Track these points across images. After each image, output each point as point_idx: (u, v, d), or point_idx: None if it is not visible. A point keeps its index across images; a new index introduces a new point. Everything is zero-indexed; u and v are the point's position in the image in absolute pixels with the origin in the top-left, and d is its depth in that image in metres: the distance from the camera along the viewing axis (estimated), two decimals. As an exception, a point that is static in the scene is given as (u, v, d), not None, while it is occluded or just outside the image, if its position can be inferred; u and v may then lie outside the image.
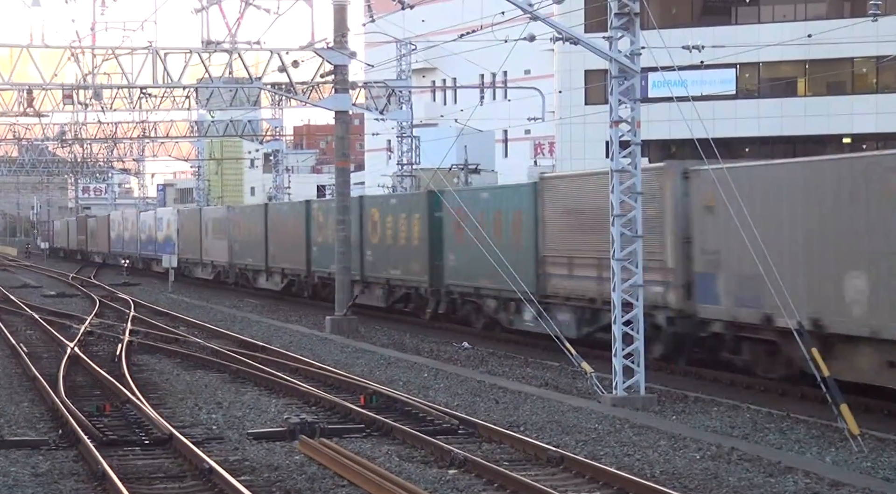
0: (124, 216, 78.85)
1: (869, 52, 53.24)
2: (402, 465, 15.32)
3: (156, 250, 67.32)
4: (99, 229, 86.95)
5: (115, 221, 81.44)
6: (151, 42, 37.74)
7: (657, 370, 23.67)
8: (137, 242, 72.60)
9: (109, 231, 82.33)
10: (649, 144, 46.45)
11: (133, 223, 74.02)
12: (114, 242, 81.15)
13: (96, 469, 14.78)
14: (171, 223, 64.32)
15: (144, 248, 71.17)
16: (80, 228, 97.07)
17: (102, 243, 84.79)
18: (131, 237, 74.52)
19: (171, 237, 63.81)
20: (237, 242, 52.75)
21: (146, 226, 70.36)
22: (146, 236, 70.28)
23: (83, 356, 26.55)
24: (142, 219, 71.54)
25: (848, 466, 15.36)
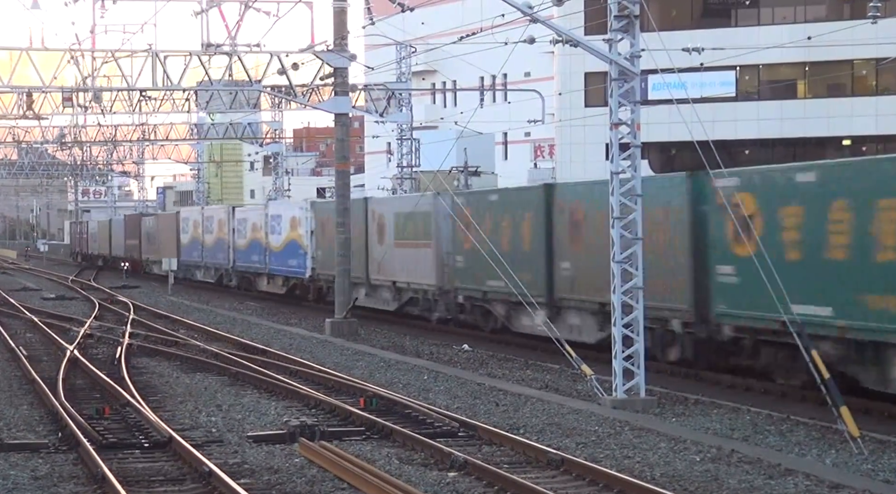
0: (206, 215, 59.61)
1: (869, 55, 53.23)
2: (402, 468, 15.30)
3: (269, 260, 49.64)
4: (161, 232, 67.55)
5: (188, 219, 62.09)
6: (151, 45, 37.76)
7: (657, 372, 23.67)
8: (229, 249, 54.70)
9: (179, 233, 63.14)
10: (649, 147, 46.47)
11: (222, 223, 55.95)
12: (187, 248, 61.78)
13: (96, 472, 14.77)
14: (299, 222, 46.37)
15: (245, 258, 53.37)
16: (129, 229, 76.47)
17: (167, 249, 64.37)
18: (218, 242, 56.56)
19: (300, 243, 45.86)
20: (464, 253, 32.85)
21: (246, 226, 53.16)
22: (247, 241, 52.94)
23: (83, 359, 26.54)
24: (240, 217, 54.14)
25: (848, 468, 15.34)
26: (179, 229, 62.85)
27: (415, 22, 48.21)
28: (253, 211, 54.49)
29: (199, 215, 60.13)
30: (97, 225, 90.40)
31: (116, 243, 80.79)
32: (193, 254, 60.56)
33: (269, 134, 65.63)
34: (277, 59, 36.97)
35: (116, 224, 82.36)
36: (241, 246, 53.62)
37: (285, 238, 47.26)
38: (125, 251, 76.97)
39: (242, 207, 61.51)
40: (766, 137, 56.17)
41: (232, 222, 54.41)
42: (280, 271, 48.36)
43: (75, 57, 38.64)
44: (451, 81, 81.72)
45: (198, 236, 59.36)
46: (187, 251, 61.21)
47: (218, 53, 36.78)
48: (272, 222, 49.50)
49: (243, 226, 53.24)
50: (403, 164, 56.66)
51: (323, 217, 42.96)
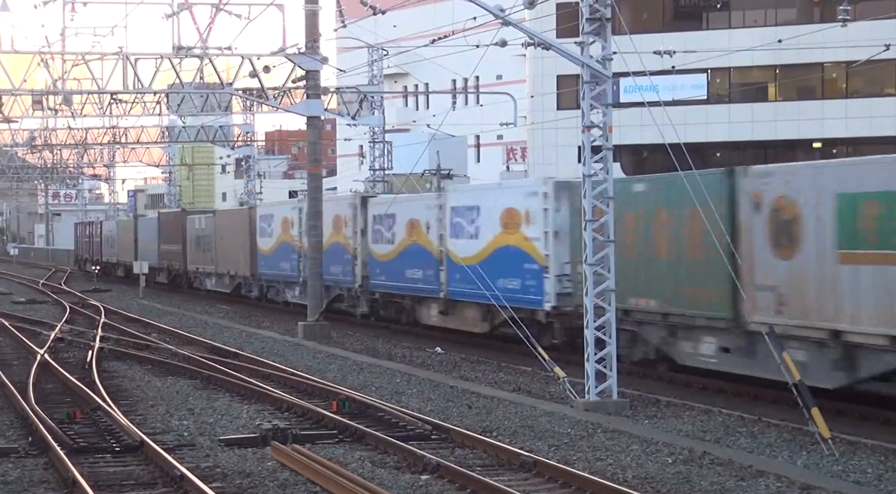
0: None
1: (839, 58, 53.50)
2: (375, 471, 15.29)
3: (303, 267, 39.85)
4: (223, 236, 50.83)
5: (271, 217, 45.09)
6: (122, 47, 37.64)
7: (629, 374, 23.72)
8: (353, 259, 38.01)
9: (255, 237, 46.40)
10: (621, 150, 46.59)
11: (348, 219, 38.61)
12: (266, 259, 45.30)
13: (67, 477, 14.70)
14: (344, 222, 38.33)
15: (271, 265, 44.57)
16: (167, 231, 60.23)
17: (228, 260, 49.94)
18: (342, 252, 38.72)
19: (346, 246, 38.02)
20: None
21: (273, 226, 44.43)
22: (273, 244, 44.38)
23: (53, 362, 26.40)
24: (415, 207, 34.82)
25: (819, 469, 15.41)
26: (255, 230, 46.54)
27: (386, 25, 48.20)
28: (281, 208, 45.24)
29: (295, 213, 42.30)
30: (115, 226, 74.73)
31: (146, 249, 64.05)
32: (273, 265, 44.73)
33: (241, 137, 65.47)
34: (249, 61, 36.90)
35: (147, 225, 66.24)
36: (264, 251, 45.53)
37: (325, 241, 37.41)
38: (160, 259, 61.48)
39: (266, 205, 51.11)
40: (737, 139, 56.37)
41: (362, 216, 37.96)
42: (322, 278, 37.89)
43: (45, 60, 38.49)
44: (423, 83, 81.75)
45: (290, 239, 43.26)
46: (269, 263, 44.78)
47: (189, 56, 36.67)
48: (262, 222, 44.80)
49: (268, 224, 45.08)
50: (376, 167, 56.60)
51: (380, 213, 36.21)
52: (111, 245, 74.54)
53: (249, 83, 38.72)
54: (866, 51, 41.42)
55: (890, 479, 14.82)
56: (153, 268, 61.73)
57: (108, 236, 75.80)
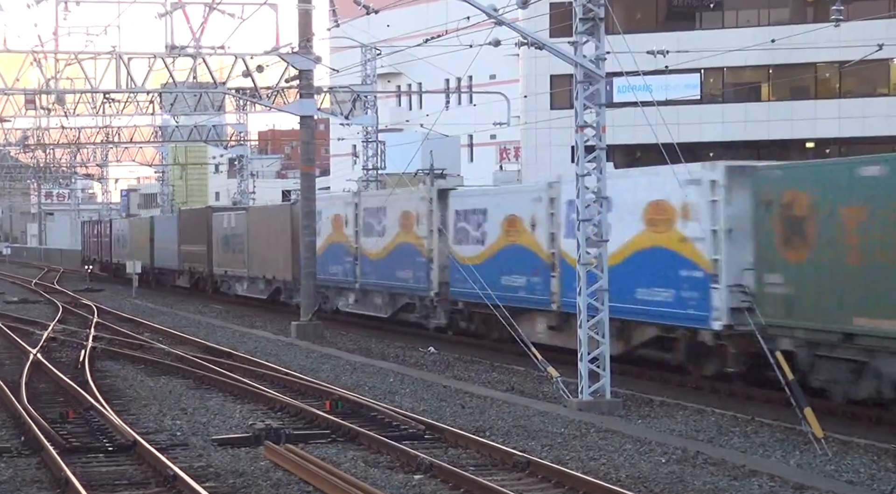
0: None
1: (832, 58, 53.55)
2: (368, 471, 15.28)
3: (361, 272, 36.63)
4: (257, 236, 45.04)
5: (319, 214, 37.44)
6: (115, 47, 37.60)
7: (622, 374, 23.72)
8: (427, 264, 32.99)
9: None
10: (614, 149, 46.59)
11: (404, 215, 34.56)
12: (376, 267, 36.23)
13: (59, 476, 14.68)
14: (416, 219, 33.68)
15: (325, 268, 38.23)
16: (189, 230, 54.47)
17: (263, 262, 44.48)
18: (398, 251, 34.61)
19: (419, 248, 33.18)
20: None
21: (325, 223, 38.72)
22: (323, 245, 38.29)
23: (46, 362, 26.37)
24: None
25: (812, 469, 15.43)
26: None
27: (380, 24, 48.23)
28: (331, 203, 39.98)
29: (427, 206, 33.32)
30: (127, 225, 70.21)
31: (164, 250, 59.60)
32: (331, 268, 38.90)
33: (234, 136, 65.43)
34: (242, 61, 36.87)
35: (165, 223, 61.38)
36: None
37: (389, 241, 34.65)
38: (181, 261, 56.39)
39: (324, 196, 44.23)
40: (730, 139, 56.38)
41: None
42: (380, 285, 35.22)
43: (38, 59, 38.43)
44: (417, 83, 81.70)
45: (342, 239, 38.02)
46: (377, 271, 36.36)
47: (182, 55, 36.64)
48: (368, 217, 36.99)
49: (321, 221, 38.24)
50: (369, 166, 56.55)
51: (465, 208, 30.99)
52: (123, 245, 69.39)
53: (243, 83, 38.73)
54: (859, 51, 41.46)
55: (882, 479, 14.84)
56: (172, 270, 58.33)
57: (120, 236, 70.75)
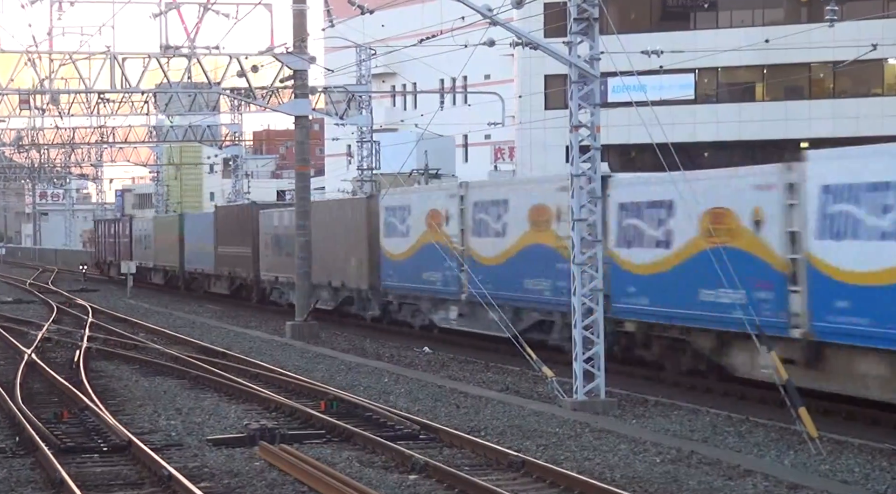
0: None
1: (826, 58, 53.65)
2: (363, 470, 15.28)
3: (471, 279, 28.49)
4: (320, 236, 37.92)
5: (407, 209, 33.51)
6: (109, 47, 37.60)
7: (617, 374, 23.73)
8: None
9: (376, 236, 35.00)
10: (609, 149, 46.63)
11: None
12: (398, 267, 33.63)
13: (54, 477, 14.67)
14: (554, 215, 26.49)
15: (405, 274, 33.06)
16: (228, 230, 48.43)
17: (329, 267, 38.08)
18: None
19: (558, 251, 25.85)
20: None
21: (407, 218, 33.34)
22: (407, 247, 33.13)
23: (41, 362, 26.35)
24: None
25: (806, 469, 15.44)
26: (377, 225, 34.94)
27: (375, 24, 48.18)
28: (424, 197, 33.45)
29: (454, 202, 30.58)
30: (151, 224, 63.70)
31: (197, 252, 52.98)
32: (426, 275, 32.05)
33: (229, 136, 65.42)
34: (237, 61, 36.87)
35: (197, 222, 54.64)
36: (394, 255, 33.98)
37: (514, 243, 27.90)
38: (218, 265, 49.82)
39: None
40: (724, 139, 56.47)
41: None
42: (499, 297, 26.65)
43: (32, 59, 38.42)
44: (412, 83, 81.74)
45: (441, 240, 30.73)
46: (405, 270, 32.93)
47: (177, 55, 36.65)
48: (480, 212, 29.55)
49: (400, 219, 33.86)
50: (364, 166, 56.57)
51: (640, 200, 24.14)
52: (145, 246, 63.19)
53: (237, 83, 38.70)
54: (853, 51, 41.56)
55: (877, 478, 14.86)
56: (206, 275, 52.16)
57: (141, 236, 64.32)
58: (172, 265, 57.54)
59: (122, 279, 61.74)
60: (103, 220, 79.74)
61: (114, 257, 69.85)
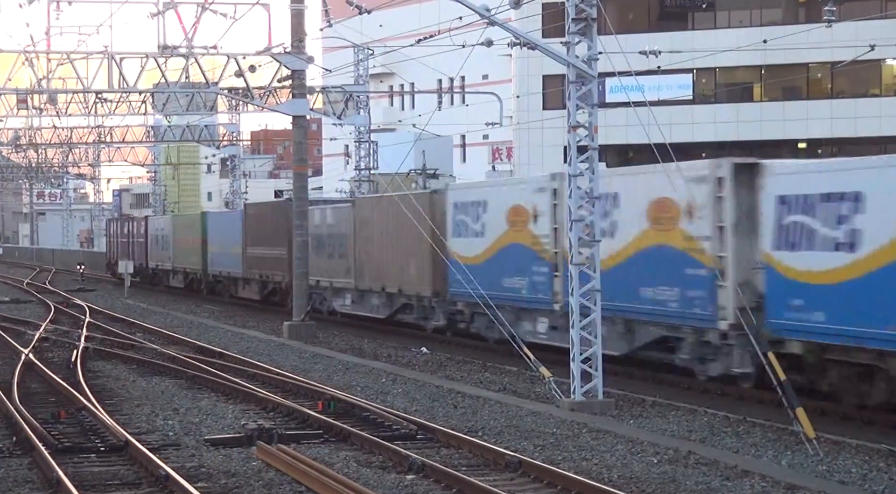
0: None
1: (824, 58, 53.68)
2: (360, 470, 15.28)
3: None
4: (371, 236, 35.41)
5: (482, 205, 29.73)
6: (107, 46, 37.59)
7: (615, 374, 23.73)
8: None
9: (443, 236, 30.45)
10: (607, 150, 46.65)
11: None
12: (470, 272, 27.35)
13: (51, 477, 14.66)
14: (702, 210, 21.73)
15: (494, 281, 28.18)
16: (259, 229, 44.91)
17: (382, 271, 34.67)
18: None
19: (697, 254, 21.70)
20: None
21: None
22: None
23: (38, 362, 26.33)
24: None
25: (804, 469, 15.44)
26: (444, 224, 31.04)
27: (372, 24, 48.19)
28: (503, 192, 29.46)
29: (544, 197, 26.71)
30: (169, 222, 59.68)
31: (222, 254, 49.52)
32: (506, 281, 28.03)
33: (226, 136, 65.41)
34: (234, 61, 36.86)
35: (224, 221, 50.91)
36: (466, 258, 29.22)
37: (627, 243, 23.77)
38: (247, 268, 46.26)
39: None
40: (722, 139, 56.49)
41: None
42: (609, 308, 22.14)
43: (30, 59, 38.41)
44: (409, 83, 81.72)
45: (527, 241, 27.49)
46: (480, 274, 27.68)
47: (174, 55, 36.64)
48: None
49: (474, 216, 29.90)
50: (361, 166, 56.57)
51: (800, 193, 19.97)
52: (163, 247, 59.47)
53: (235, 83, 38.70)
54: (851, 51, 41.59)
55: (874, 479, 14.86)
56: (233, 279, 48.46)
57: (158, 236, 60.51)
58: (194, 268, 53.79)
59: (136, 282, 59.84)
60: (117, 219, 75.59)
61: (128, 259, 64.93)
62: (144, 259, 62.15)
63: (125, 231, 67.63)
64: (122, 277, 62.89)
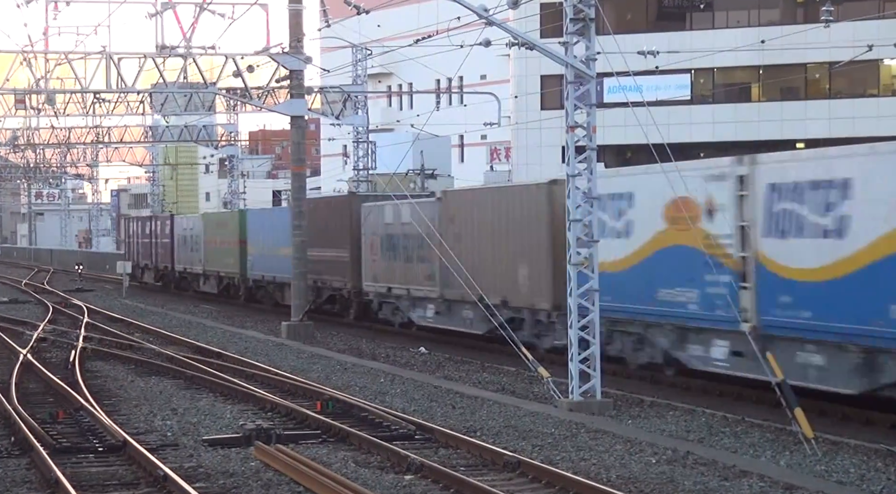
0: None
1: (822, 58, 53.69)
2: (359, 471, 15.28)
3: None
4: (473, 236, 30.07)
5: (626, 199, 23.95)
6: (105, 47, 37.56)
7: (613, 374, 23.72)
8: None
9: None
10: (605, 150, 46.65)
11: None
12: (611, 281, 22.90)
13: (49, 477, 14.66)
14: None
15: None
16: (315, 229, 37.67)
17: (487, 277, 28.30)
18: None
19: None
20: None
21: None
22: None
23: (36, 362, 26.32)
24: None
25: (802, 469, 15.44)
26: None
27: (371, 25, 48.23)
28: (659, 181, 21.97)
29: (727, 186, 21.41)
30: (200, 222, 53.96)
31: (264, 256, 44.23)
32: (663, 293, 22.91)
33: (225, 137, 65.40)
34: (233, 61, 36.86)
35: (267, 219, 45.82)
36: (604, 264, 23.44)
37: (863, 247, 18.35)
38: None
39: None
40: (720, 139, 56.47)
41: None
42: (831, 332, 18.86)
43: (28, 59, 38.40)
44: (407, 83, 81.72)
45: (697, 242, 21.69)
46: (622, 284, 23.73)
47: (173, 55, 36.63)
48: (779, 200, 19.97)
49: (614, 213, 24.44)
50: (359, 166, 56.57)
51: None
52: (192, 248, 53.94)
53: (233, 83, 38.72)
54: (849, 51, 41.58)
55: (872, 479, 14.87)
56: (279, 284, 43.00)
57: (186, 236, 55.00)
58: (230, 272, 48.53)
59: (160, 287, 57.42)
60: (137, 218, 69.16)
61: (150, 261, 60.90)
62: (170, 262, 56.96)
63: (146, 231, 61.92)
64: (143, 281, 60.96)
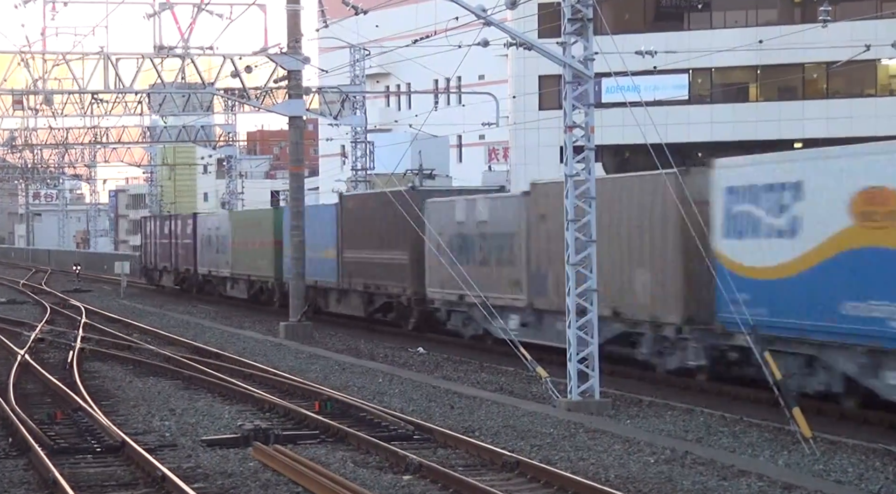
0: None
1: (819, 58, 53.68)
2: (357, 471, 15.28)
3: None
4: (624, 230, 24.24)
5: (793, 189, 19.73)
6: (103, 47, 37.56)
7: (611, 374, 23.72)
8: None
9: (714, 236, 21.19)
10: (603, 150, 46.64)
11: None
12: (773, 290, 20.04)
13: (47, 477, 14.65)
14: None
15: None
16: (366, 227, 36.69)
17: (619, 283, 24.05)
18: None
19: None
20: None
21: None
22: None
23: (34, 363, 26.31)
24: None
25: (800, 469, 15.45)
26: (717, 216, 21.56)
27: (369, 25, 48.19)
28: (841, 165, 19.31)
29: None
30: (227, 220, 50.04)
31: (308, 260, 36.35)
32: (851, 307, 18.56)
33: (223, 137, 65.38)
34: (231, 61, 36.85)
35: (311, 217, 37.97)
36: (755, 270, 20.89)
37: None
38: (344, 277, 37.81)
39: None
40: (718, 139, 56.47)
41: None
42: None
43: (26, 59, 38.39)
44: (406, 83, 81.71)
45: None
46: (791, 294, 19.92)
47: (171, 56, 36.62)
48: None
49: (773, 205, 20.45)
50: (358, 167, 56.57)
51: None
52: (218, 250, 50.13)
53: (231, 83, 38.71)
54: (847, 51, 41.56)
55: (870, 478, 14.87)
56: (322, 289, 39.45)
57: (211, 236, 51.06)
58: (263, 275, 44.64)
59: (181, 290, 55.20)
60: (155, 217, 65.50)
61: (169, 263, 57.05)
62: (192, 264, 53.05)
63: (166, 231, 57.86)
64: (161, 285, 58.31)
